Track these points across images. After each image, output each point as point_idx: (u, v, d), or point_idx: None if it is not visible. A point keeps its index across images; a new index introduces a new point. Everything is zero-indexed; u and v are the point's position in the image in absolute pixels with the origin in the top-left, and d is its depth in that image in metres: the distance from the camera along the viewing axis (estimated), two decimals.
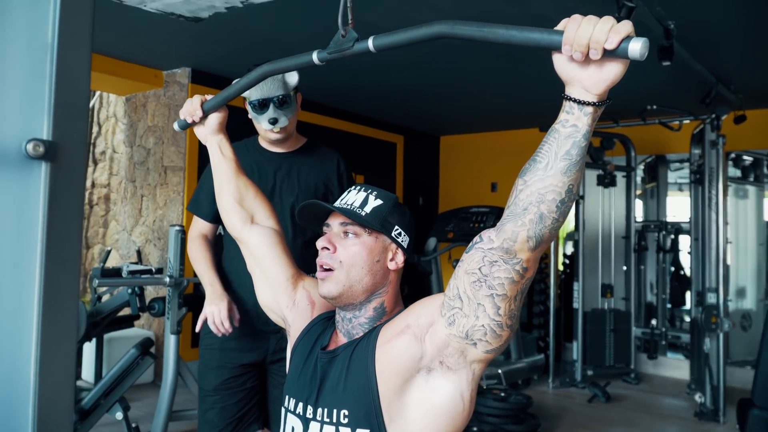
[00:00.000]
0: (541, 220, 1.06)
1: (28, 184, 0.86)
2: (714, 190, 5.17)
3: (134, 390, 4.98)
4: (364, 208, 1.37)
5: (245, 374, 2.34)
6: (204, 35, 4.65)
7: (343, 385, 1.31)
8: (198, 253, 2.39)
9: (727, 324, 4.99)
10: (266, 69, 1.46)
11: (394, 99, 6.55)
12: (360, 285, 1.35)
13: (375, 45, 1.23)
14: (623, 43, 0.94)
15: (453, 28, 1.10)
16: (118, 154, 6.96)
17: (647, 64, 4.69)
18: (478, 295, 1.14)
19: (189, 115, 1.65)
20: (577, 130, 1.02)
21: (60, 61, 0.90)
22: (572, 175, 1.04)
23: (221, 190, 1.66)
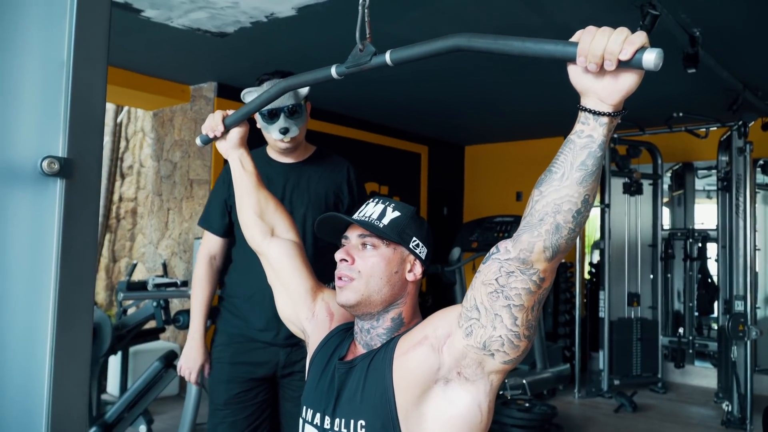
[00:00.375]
0: (557, 230, 1.06)
1: (43, 200, 0.88)
2: (742, 197, 5.09)
3: (158, 403, 5.02)
4: (382, 220, 1.38)
5: (256, 388, 2.33)
6: (230, 50, 4.70)
7: (360, 395, 1.31)
8: (199, 284, 2.40)
9: (755, 332, 4.92)
10: (285, 84, 1.49)
11: (418, 109, 6.55)
12: (378, 295, 1.36)
13: (392, 59, 1.25)
14: (638, 53, 0.94)
15: (469, 41, 1.11)
16: (145, 168, 7.05)
17: (673, 71, 4.68)
18: (495, 305, 1.14)
19: (211, 131, 1.69)
20: (592, 140, 1.02)
21: (75, 79, 0.91)
22: (588, 186, 1.04)
23: (242, 203, 1.68)
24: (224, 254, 2.45)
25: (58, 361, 0.87)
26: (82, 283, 0.91)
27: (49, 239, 0.87)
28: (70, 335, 0.89)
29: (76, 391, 0.90)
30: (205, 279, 2.39)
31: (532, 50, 1.04)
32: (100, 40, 0.96)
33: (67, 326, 0.88)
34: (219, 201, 2.40)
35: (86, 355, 0.91)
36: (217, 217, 2.40)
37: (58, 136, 0.90)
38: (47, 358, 0.87)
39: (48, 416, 0.88)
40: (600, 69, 0.98)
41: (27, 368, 0.87)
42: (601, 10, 3.78)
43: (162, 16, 4.01)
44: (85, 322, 0.91)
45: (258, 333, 2.31)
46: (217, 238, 2.41)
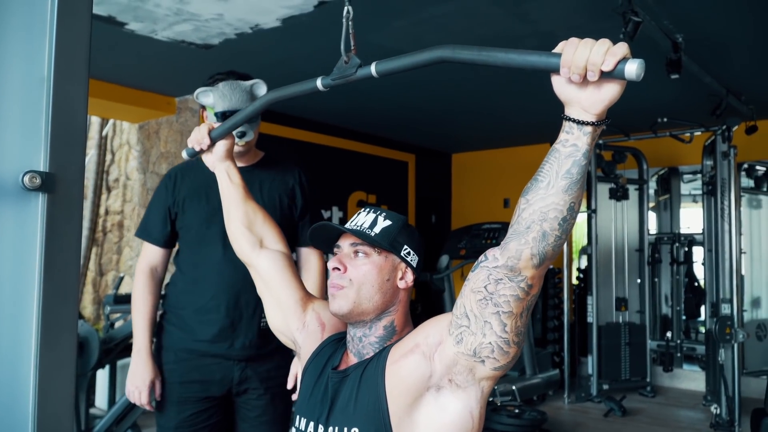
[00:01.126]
0: (544, 237, 1.08)
1: (25, 215, 0.88)
2: (726, 200, 5.13)
3: (148, 416, 4.99)
4: (374, 228, 1.39)
5: (209, 409, 2.19)
6: (215, 61, 4.70)
7: (353, 404, 1.32)
8: (140, 298, 2.24)
9: (742, 334, 4.95)
10: (271, 96, 1.49)
11: (404, 118, 6.57)
12: (370, 303, 1.37)
13: (378, 70, 1.26)
14: (620, 64, 0.96)
15: (454, 53, 1.13)
16: (131, 181, 7.03)
17: (656, 77, 4.71)
18: (484, 312, 1.15)
19: (197, 144, 1.70)
20: (577, 149, 1.04)
21: (56, 94, 0.91)
22: (573, 194, 1.06)
23: (230, 215, 1.68)
24: (165, 265, 2.33)
25: (43, 377, 0.87)
26: (65, 297, 0.90)
27: (31, 254, 0.87)
28: (54, 351, 0.88)
29: (62, 407, 0.90)
30: (147, 291, 2.24)
31: (516, 61, 1.07)
32: (81, 55, 0.96)
33: (51, 342, 0.88)
34: (160, 209, 2.27)
35: (71, 370, 0.90)
36: (157, 226, 2.27)
37: (40, 150, 0.89)
38: (31, 374, 0.86)
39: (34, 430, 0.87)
40: (583, 80, 1.00)
41: (11, 384, 0.87)
42: (584, 18, 3.81)
43: (146, 29, 4.00)
44: (69, 337, 0.90)
45: (208, 346, 2.17)
46: (157, 249, 2.28)
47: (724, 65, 4.65)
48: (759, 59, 4.60)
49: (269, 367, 2.23)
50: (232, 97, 2.15)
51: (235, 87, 2.17)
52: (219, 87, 2.17)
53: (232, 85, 2.17)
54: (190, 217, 2.24)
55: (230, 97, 2.15)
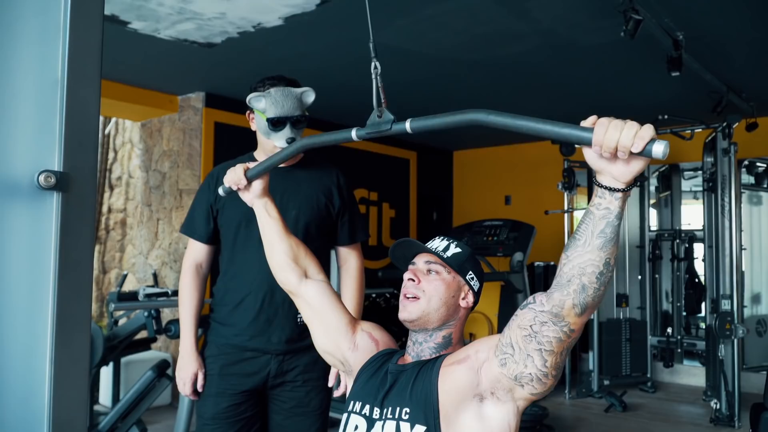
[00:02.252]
0: (583, 290, 1.20)
1: (40, 214, 0.90)
2: (727, 197, 5.15)
3: (152, 412, 5.02)
4: (446, 252, 1.60)
5: (245, 402, 2.27)
6: (217, 60, 4.73)
7: (409, 390, 1.48)
8: (186, 293, 2.36)
9: (741, 330, 4.97)
10: (306, 142, 1.62)
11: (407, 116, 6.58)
12: (436, 314, 1.56)
13: (412, 127, 1.34)
14: (647, 145, 1.04)
15: (488, 117, 1.20)
16: (134, 179, 7.05)
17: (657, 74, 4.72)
18: (528, 347, 1.29)
19: (234, 184, 1.78)
20: (609, 212, 1.15)
21: (70, 96, 0.94)
22: (608, 250, 1.17)
23: (273, 248, 1.79)
24: (210, 261, 2.41)
25: (58, 372, 0.89)
26: (79, 294, 0.93)
27: (47, 251, 0.90)
28: (69, 346, 0.91)
29: (77, 401, 0.92)
30: (193, 287, 2.35)
31: (548, 132, 1.13)
32: (94, 57, 0.98)
33: (65, 337, 0.90)
34: (203, 207, 2.36)
35: (85, 365, 0.93)
36: (201, 224, 2.35)
37: (54, 150, 0.92)
38: (47, 368, 0.89)
39: (49, 426, 0.90)
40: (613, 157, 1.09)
41: (27, 379, 0.89)
42: (585, 16, 3.83)
43: (149, 28, 4.03)
44: (83, 332, 0.93)
45: (247, 341, 2.26)
46: (201, 245, 2.37)
47: (725, 62, 4.67)
48: (759, 56, 4.62)
49: (306, 360, 2.29)
50: (284, 104, 2.21)
51: (287, 94, 2.23)
52: (271, 93, 2.22)
53: (284, 91, 2.23)
54: (230, 216, 2.31)
55: (282, 103, 2.21)
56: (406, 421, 1.44)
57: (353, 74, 4.92)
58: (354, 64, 4.57)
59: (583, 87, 5.45)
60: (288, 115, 2.22)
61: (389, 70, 1.30)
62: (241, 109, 5.97)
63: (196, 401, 2.36)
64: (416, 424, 1.42)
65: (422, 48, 4.41)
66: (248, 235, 2.27)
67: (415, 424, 1.43)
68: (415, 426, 1.42)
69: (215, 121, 5.77)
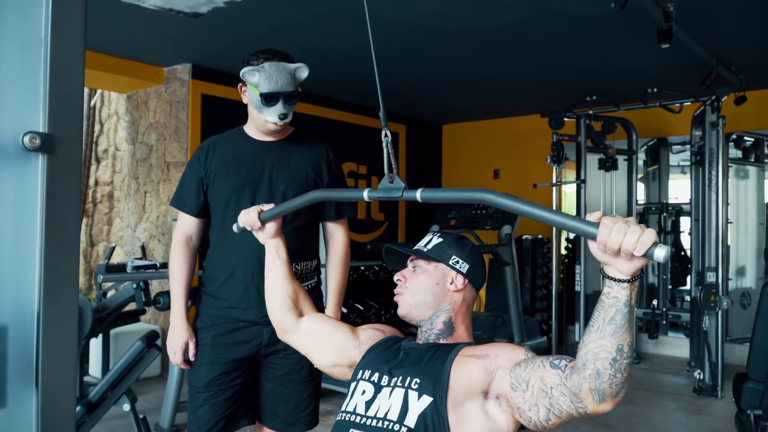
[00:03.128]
0: (598, 375, 1.22)
1: (26, 175, 0.89)
2: (714, 171, 5.18)
3: (142, 383, 5.05)
4: (427, 246, 1.72)
5: (237, 370, 2.31)
6: (204, 30, 4.67)
7: (423, 364, 1.55)
8: (176, 265, 2.38)
9: (726, 302, 5.04)
10: (318, 195, 1.70)
11: (395, 89, 6.56)
12: (424, 303, 1.66)
13: (422, 197, 1.39)
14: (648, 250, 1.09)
15: (497, 199, 1.24)
16: (121, 152, 7.00)
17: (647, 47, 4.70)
18: (540, 400, 1.34)
19: (248, 225, 1.86)
20: (618, 300, 1.19)
21: (53, 56, 0.92)
22: (620, 336, 1.20)
23: (276, 288, 1.88)
24: (200, 235, 2.42)
25: (47, 332, 0.89)
26: (66, 256, 0.92)
27: (32, 213, 0.89)
28: (56, 306, 0.91)
29: (65, 362, 0.92)
30: (183, 259, 2.37)
31: (555, 221, 1.17)
32: (77, 17, 0.96)
33: (54, 297, 0.90)
34: (193, 180, 2.36)
35: (74, 325, 0.93)
36: (191, 197, 2.36)
37: (39, 112, 0.91)
38: (35, 331, 0.88)
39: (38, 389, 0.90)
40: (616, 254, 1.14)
41: (16, 340, 0.89)
42: None
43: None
44: (71, 293, 0.93)
45: (241, 312, 2.29)
46: (191, 218, 2.38)
47: (715, 35, 4.66)
48: (749, 29, 4.62)
49: None
50: (278, 79, 2.21)
51: (281, 69, 2.22)
52: (265, 67, 2.21)
53: (278, 66, 2.21)
54: (220, 190, 2.32)
55: (276, 79, 2.20)
56: (414, 390, 1.49)
57: (342, 45, 4.88)
58: (343, 35, 4.54)
59: (573, 59, 5.44)
60: (281, 91, 2.22)
61: (379, 40, 1.29)
62: (228, 81, 5.92)
63: (188, 371, 2.38)
64: (424, 394, 1.48)
65: (412, 18, 4.38)
66: (238, 209, 2.25)
67: (423, 393, 1.48)
68: (423, 396, 1.47)
69: (202, 93, 5.73)
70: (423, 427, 1.44)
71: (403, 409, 1.48)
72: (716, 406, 4.90)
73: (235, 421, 2.34)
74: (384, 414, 1.50)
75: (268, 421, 2.39)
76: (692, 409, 4.83)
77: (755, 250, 6.75)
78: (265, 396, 2.39)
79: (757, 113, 6.24)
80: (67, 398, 0.95)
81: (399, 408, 1.48)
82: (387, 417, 1.49)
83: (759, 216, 6.75)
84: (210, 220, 2.41)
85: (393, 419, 1.47)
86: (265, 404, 2.39)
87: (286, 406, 2.36)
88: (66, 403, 0.95)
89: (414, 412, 1.46)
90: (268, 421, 2.39)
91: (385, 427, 1.47)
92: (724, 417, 4.53)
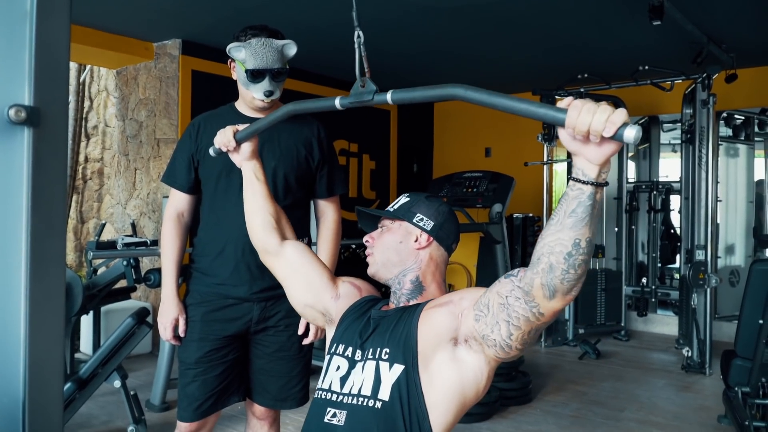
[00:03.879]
0: (551, 269, 1.20)
1: (11, 149, 0.88)
2: (704, 149, 5.20)
3: (133, 360, 5.06)
4: (394, 206, 1.72)
5: (227, 346, 2.31)
6: (193, 5, 4.63)
7: (390, 332, 1.55)
8: (168, 241, 2.37)
9: (714, 280, 5.08)
10: (291, 108, 1.64)
11: (387, 67, 6.52)
12: (389, 261, 1.67)
13: (393, 99, 1.36)
14: (619, 130, 1.05)
15: (466, 93, 1.24)
16: (111, 128, 6.95)
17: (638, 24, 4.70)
18: (499, 316, 1.33)
19: (224, 146, 1.83)
20: (582, 193, 1.16)
21: (39, 29, 0.91)
22: (578, 231, 1.18)
23: (257, 209, 1.85)
24: (192, 211, 2.42)
25: (33, 307, 0.89)
26: (53, 230, 0.92)
27: (18, 187, 0.88)
28: (43, 282, 0.90)
29: (53, 337, 0.92)
30: (174, 235, 2.37)
31: (523, 110, 1.15)
32: None
33: (40, 273, 0.90)
34: (185, 156, 2.35)
35: (61, 304, 0.93)
36: (183, 173, 2.35)
37: (24, 84, 0.90)
38: (21, 303, 0.88)
39: (25, 362, 0.90)
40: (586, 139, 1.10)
41: (1, 316, 0.89)
42: None
43: None
44: (58, 268, 0.93)
45: (231, 289, 2.29)
46: (183, 195, 2.38)
47: (706, 13, 4.65)
48: (741, 7, 4.61)
49: (288, 306, 2.32)
50: (264, 56, 2.19)
51: (267, 45, 2.20)
52: (252, 44, 2.19)
53: (265, 43, 2.20)
54: (210, 166, 2.31)
55: (262, 55, 2.19)
56: (385, 360, 1.49)
57: (332, 21, 4.85)
58: (334, 10, 4.50)
59: (565, 36, 5.42)
60: (267, 68, 2.20)
61: (370, 18, 1.29)
62: (218, 57, 5.89)
63: (178, 347, 2.38)
64: (395, 363, 1.48)
65: None
66: (228, 185, 2.28)
67: (394, 363, 1.48)
68: (394, 365, 1.47)
69: (192, 69, 5.68)
70: (398, 396, 1.44)
71: (375, 382, 1.49)
72: (704, 383, 4.96)
73: (225, 398, 2.34)
74: (358, 390, 1.51)
75: (258, 398, 2.40)
76: (680, 386, 4.89)
77: (744, 228, 6.79)
78: (255, 373, 2.39)
79: (748, 91, 6.25)
80: (54, 375, 0.95)
81: (372, 382, 1.49)
82: (361, 393, 1.50)
83: (748, 194, 6.79)
84: (201, 197, 2.40)
85: (367, 394, 1.48)
86: (256, 381, 2.40)
87: (276, 382, 2.37)
88: (54, 379, 0.95)
89: (387, 383, 1.47)
90: (258, 397, 2.40)
91: (360, 404, 1.48)
92: (712, 394, 4.59)
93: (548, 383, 4.83)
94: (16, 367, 0.89)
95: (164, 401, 4.11)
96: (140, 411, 3.45)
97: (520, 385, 4.33)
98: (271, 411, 2.44)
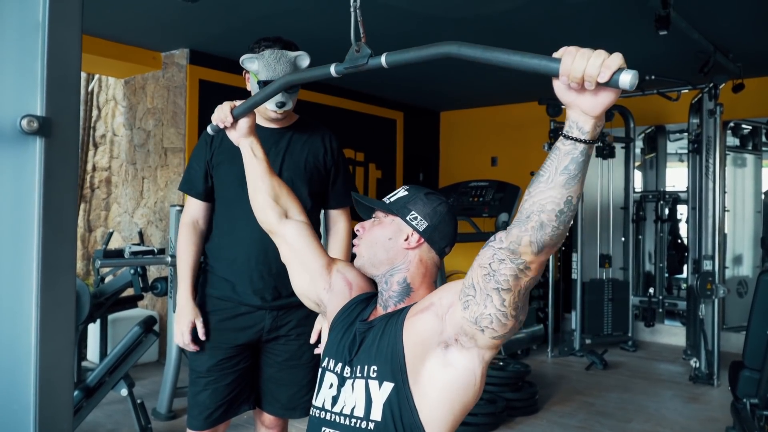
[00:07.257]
0: (541, 227, 1.17)
1: (23, 158, 0.90)
2: (711, 158, 5.18)
3: (139, 369, 5.06)
4: (392, 198, 1.62)
5: (239, 355, 2.32)
6: (201, 15, 4.65)
7: (375, 347, 1.48)
8: (184, 247, 2.37)
9: (722, 290, 5.05)
10: (288, 79, 1.64)
11: (393, 76, 6.53)
12: (376, 258, 1.58)
13: (387, 61, 1.37)
14: (615, 75, 1.02)
15: (459, 50, 1.23)
16: (118, 137, 6.98)
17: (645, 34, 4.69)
18: (487, 287, 1.27)
19: (220, 122, 1.82)
20: (575, 148, 1.13)
21: (51, 40, 0.93)
22: (571, 188, 1.15)
23: (257, 187, 1.82)
24: (208, 219, 2.42)
25: (44, 313, 0.90)
26: (64, 238, 0.93)
27: (30, 196, 0.90)
28: (54, 290, 0.91)
29: (63, 343, 0.93)
30: (190, 241, 2.36)
31: (517, 63, 1.13)
32: (75, 1, 0.97)
33: (51, 281, 0.91)
34: (200, 164, 2.36)
35: (71, 306, 0.94)
36: (199, 181, 2.36)
37: (36, 95, 0.91)
38: (33, 309, 0.89)
39: (36, 370, 0.91)
40: (581, 87, 1.07)
41: (13, 320, 0.90)
42: None
43: None
44: (68, 276, 0.93)
45: (242, 296, 2.29)
46: (199, 203, 2.38)
47: (713, 22, 4.65)
48: (747, 16, 4.60)
49: (300, 315, 2.33)
50: (276, 67, 2.20)
51: (280, 57, 2.21)
52: (265, 55, 2.20)
53: (277, 54, 2.21)
54: (225, 174, 2.32)
55: (275, 66, 2.19)
56: (374, 378, 1.44)
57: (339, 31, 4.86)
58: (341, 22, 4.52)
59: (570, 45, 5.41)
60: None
61: (377, 27, 1.30)
62: (226, 67, 5.90)
63: (190, 355, 2.38)
64: (384, 381, 1.43)
65: (409, 5, 4.36)
66: (242, 192, 2.27)
67: (383, 381, 1.43)
68: (384, 383, 1.43)
69: (200, 78, 5.71)
70: (390, 415, 1.40)
71: (367, 402, 1.44)
72: (712, 395, 4.92)
73: (235, 407, 2.34)
74: (350, 411, 1.46)
75: (268, 407, 2.40)
76: (688, 397, 4.85)
77: (752, 238, 6.76)
78: (265, 381, 2.40)
79: (755, 101, 6.23)
80: (64, 383, 0.96)
81: (363, 402, 1.44)
82: (354, 414, 1.45)
83: (756, 204, 6.76)
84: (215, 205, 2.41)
85: (360, 416, 1.44)
86: (266, 390, 2.40)
87: (286, 391, 2.37)
88: (64, 387, 0.96)
89: (378, 403, 1.42)
90: (268, 406, 2.40)
91: (354, 425, 1.44)
92: (720, 405, 4.56)
93: (555, 394, 4.81)
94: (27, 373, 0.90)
95: (171, 410, 4.11)
96: (147, 419, 3.46)
97: (527, 395, 4.31)
98: (280, 420, 2.44)
